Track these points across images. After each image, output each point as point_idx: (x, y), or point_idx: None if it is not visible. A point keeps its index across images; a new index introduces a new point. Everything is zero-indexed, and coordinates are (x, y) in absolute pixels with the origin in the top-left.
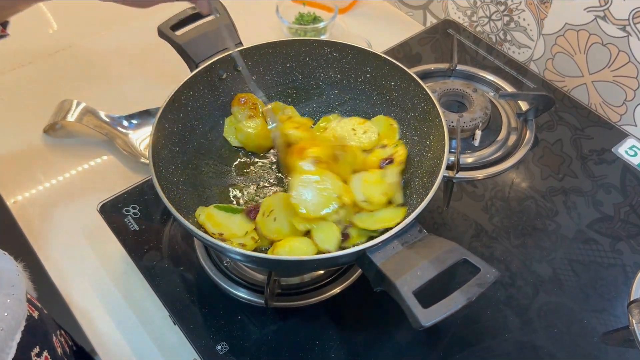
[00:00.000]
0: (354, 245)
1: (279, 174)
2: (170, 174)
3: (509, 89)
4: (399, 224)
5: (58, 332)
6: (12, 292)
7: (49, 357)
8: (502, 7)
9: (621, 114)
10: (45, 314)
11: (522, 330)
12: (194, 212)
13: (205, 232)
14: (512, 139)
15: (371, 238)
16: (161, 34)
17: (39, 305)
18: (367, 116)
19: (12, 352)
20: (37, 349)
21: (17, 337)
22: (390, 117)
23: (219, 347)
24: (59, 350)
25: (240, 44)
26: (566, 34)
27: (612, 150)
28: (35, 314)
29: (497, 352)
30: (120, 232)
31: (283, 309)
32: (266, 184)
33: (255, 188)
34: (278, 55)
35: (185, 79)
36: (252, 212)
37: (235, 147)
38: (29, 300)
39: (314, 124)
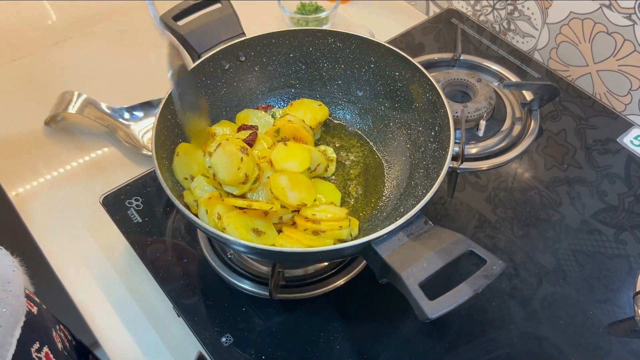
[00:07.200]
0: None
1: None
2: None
3: (513, 78)
4: None
5: (57, 327)
6: (9, 289)
7: (49, 352)
8: None
9: (626, 104)
10: (45, 309)
11: (527, 322)
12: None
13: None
14: (517, 129)
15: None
16: (163, 24)
17: (37, 300)
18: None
19: (12, 348)
20: (37, 345)
21: (17, 333)
22: (395, 107)
23: (223, 339)
24: (59, 345)
25: (243, 34)
26: (571, 23)
27: (617, 140)
28: (35, 310)
29: (502, 343)
30: (123, 224)
31: (287, 300)
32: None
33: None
34: (281, 45)
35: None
36: None
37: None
38: (27, 296)
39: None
